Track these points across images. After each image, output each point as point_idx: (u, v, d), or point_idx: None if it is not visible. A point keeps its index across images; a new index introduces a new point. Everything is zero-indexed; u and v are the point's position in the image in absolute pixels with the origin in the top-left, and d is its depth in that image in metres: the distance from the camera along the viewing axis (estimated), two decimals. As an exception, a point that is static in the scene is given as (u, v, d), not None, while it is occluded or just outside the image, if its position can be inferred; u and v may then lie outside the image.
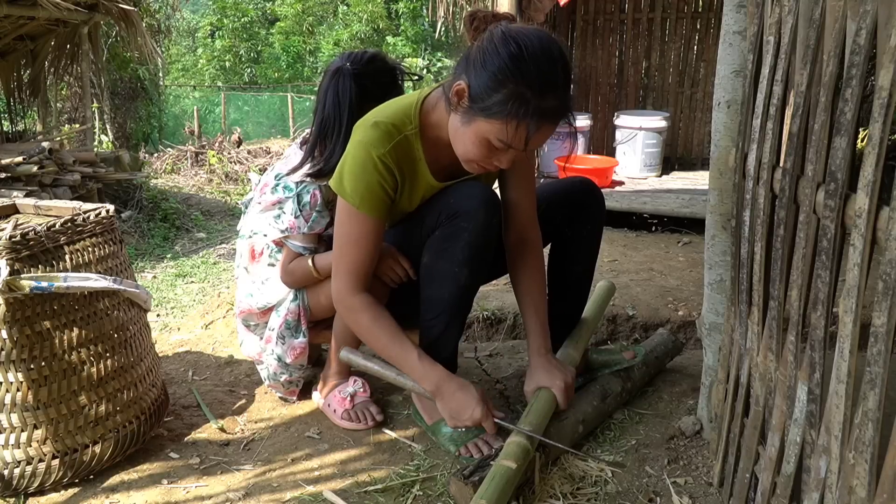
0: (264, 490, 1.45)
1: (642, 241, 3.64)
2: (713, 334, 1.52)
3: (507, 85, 1.23)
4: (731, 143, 1.41)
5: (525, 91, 1.22)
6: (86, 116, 6.90)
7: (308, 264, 1.66)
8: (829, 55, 0.93)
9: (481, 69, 1.25)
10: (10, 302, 1.34)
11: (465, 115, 1.30)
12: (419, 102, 1.44)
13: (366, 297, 1.48)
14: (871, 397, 0.81)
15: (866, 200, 0.81)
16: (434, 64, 15.80)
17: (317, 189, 1.67)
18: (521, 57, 1.22)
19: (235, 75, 17.57)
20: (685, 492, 1.39)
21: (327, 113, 1.65)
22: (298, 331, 1.74)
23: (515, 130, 1.25)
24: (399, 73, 1.74)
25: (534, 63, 1.22)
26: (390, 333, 1.47)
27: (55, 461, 1.44)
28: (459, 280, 1.46)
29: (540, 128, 1.26)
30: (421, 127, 1.43)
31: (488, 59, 1.24)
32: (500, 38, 1.24)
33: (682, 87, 5.39)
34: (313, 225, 1.67)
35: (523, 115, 1.23)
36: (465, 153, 1.35)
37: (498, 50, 1.23)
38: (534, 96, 1.23)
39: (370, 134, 1.39)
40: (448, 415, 1.45)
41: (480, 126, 1.28)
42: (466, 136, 1.31)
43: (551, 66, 1.24)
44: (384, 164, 1.39)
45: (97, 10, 6.05)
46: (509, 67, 1.22)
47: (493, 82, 1.24)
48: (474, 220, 1.42)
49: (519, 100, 1.22)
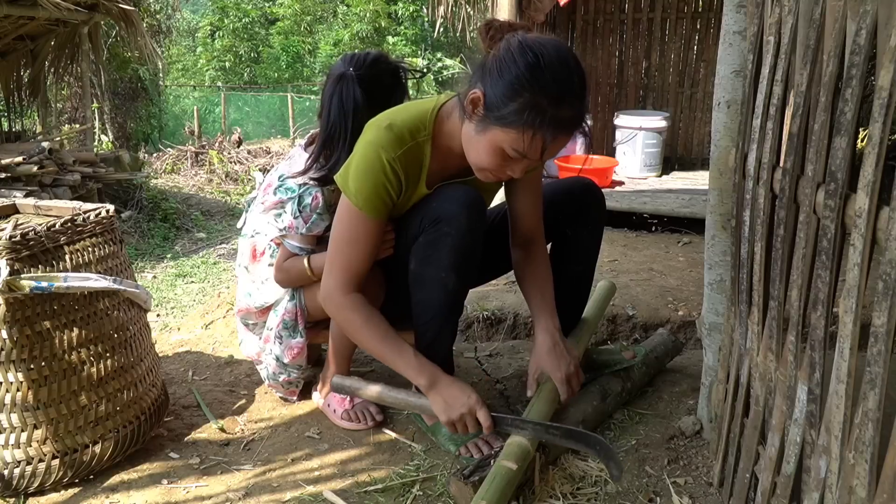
0: (264, 490, 1.45)
1: (642, 241, 3.64)
2: (713, 334, 1.52)
3: (523, 94, 1.22)
4: (731, 143, 1.41)
5: (542, 101, 1.22)
6: (86, 116, 6.91)
7: (303, 264, 1.66)
8: (829, 55, 0.93)
9: (498, 78, 1.25)
10: (10, 302, 1.34)
11: (479, 124, 1.30)
12: (435, 110, 1.43)
13: (357, 296, 1.47)
14: (871, 397, 0.81)
15: (866, 200, 0.81)
16: (434, 64, 15.78)
17: (319, 192, 1.66)
18: (538, 67, 1.21)
19: (235, 75, 17.57)
20: (685, 492, 1.39)
21: (333, 120, 1.64)
22: (296, 331, 1.74)
23: (531, 140, 1.25)
24: (403, 72, 1.74)
25: (551, 73, 1.22)
26: (383, 332, 1.46)
27: (55, 461, 1.44)
28: (447, 285, 1.45)
29: (556, 138, 1.27)
30: (433, 135, 1.43)
31: (505, 69, 1.24)
32: (517, 47, 1.24)
33: (682, 87, 5.39)
34: (312, 227, 1.66)
35: (539, 124, 1.23)
36: (478, 161, 1.35)
37: (515, 59, 1.23)
38: (550, 106, 1.23)
39: (383, 136, 1.38)
40: (442, 407, 1.41)
41: (495, 135, 1.28)
42: (481, 144, 1.31)
43: (568, 77, 1.24)
44: (392, 168, 1.38)
45: (97, 10, 6.05)
46: (526, 77, 1.22)
47: (509, 91, 1.23)
48: (456, 224, 1.41)
49: (535, 109, 1.22)
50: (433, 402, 1.43)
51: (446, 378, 1.44)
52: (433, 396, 1.43)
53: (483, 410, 1.40)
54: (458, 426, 1.42)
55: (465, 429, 1.42)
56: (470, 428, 1.41)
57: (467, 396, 1.40)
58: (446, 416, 1.41)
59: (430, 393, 1.43)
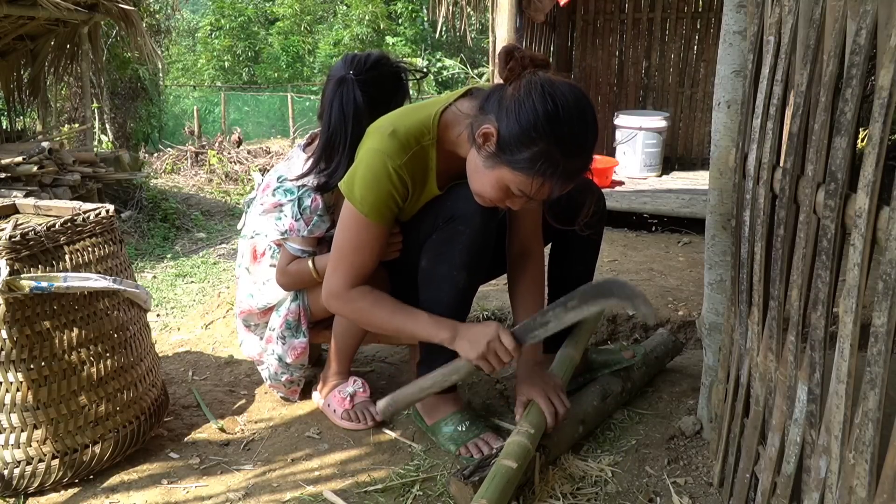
0: (264, 490, 1.45)
1: (642, 241, 3.64)
2: (713, 334, 1.52)
3: (538, 144, 1.22)
4: (731, 143, 1.41)
5: (556, 153, 1.23)
6: (86, 116, 6.90)
7: (308, 266, 1.66)
8: (830, 55, 0.93)
9: (515, 121, 1.24)
10: (10, 302, 1.34)
11: (489, 159, 1.29)
12: (438, 114, 1.42)
13: (362, 286, 1.47)
14: (871, 397, 0.81)
15: (866, 200, 0.81)
16: (434, 64, 15.77)
17: (318, 194, 1.66)
18: (557, 119, 1.21)
19: (235, 75, 17.57)
20: (685, 492, 1.39)
21: (334, 125, 1.62)
22: (299, 331, 1.74)
23: (540, 187, 1.26)
24: (404, 73, 1.73)
25: (569, 126, 1.22)
26: (393, 307, 1.46)
27: (55, 461, 1.44)
28: (458, 283, 1.46)
29: (564, 187, 1.28)
30: (438, 139, 1.42)
31: (523, 113, 1.23)
32: (539, 92, 1.22)
33: (682, 87, 5.38)
34: (313, 229, 1.66)
35: (550, 174, 1.24)
36: (481, 192, 1.36)
37: (535, 106, 1.22)
38: (563, 159, 1.23)
39: (388, 143, 1.37)
40: (469, 347, 1.39)
41: (504, 174, 1.28)
42: (486, 178, 1.31)
43: (584, 130, 1.25)
44: (399, 175, 1.38)
45: (97, 10, 6.04)
46: (545, 128, 1.21)
47: (525, 137, 1.23)
48: (471, 222, 1.42)
49: (549, 161, 1.23)
50: (459, 349, 1.42)
51: (464, 325, 1.45)
52: (459, 343, 1.42)
53: (506, 334, 1.39)
54: (490, 358, 1.39)
55: (498, 360, 1.39)
56: (500, 354, 1.38)
57: (486, 327, 1.40)
58: (475, 352, 1.39)
59: (455, 344, 1.42)
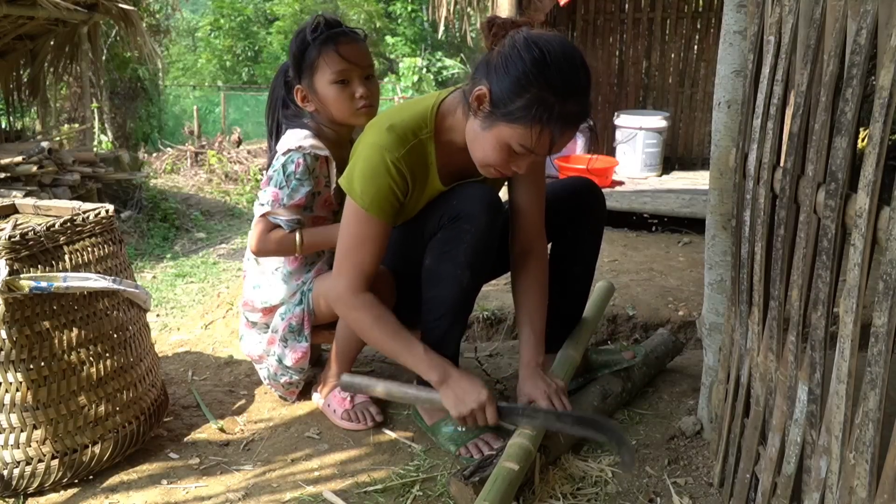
0: (264, 490, 1.45)
1: (642, 241, 3.64)
2: (713, 334, 1.52)
3: (530, 90, 1.23)
4: (732, 143, 1.41)
5: (549, 96, 1.23)
6: (85, 116, 6.91)
7: (294, 236, 1.65)
8: (830, 55, 0.93)
9: (504, 74, 1.25)
10: (10, 302, 1.34)
11: (485, 120, 1.30)
12: (436, 106, 1.43)
13: (368, 296, 1.47)
14: (871, 397, 0.81)
15: (867, 200, 0.81)
16: (434, 64, 15.78)
17: (301, 157, 1.65)
18: (544, 62, 1.22)
19: (234, 75, 17.57)
20: (685, 492, 1.39)
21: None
22: (301, 335, 1.73)
23: (539, 135, 1.26)
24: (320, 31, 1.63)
25: (557, 68, 1.22)
26: (393, 330, 1.46)
27: (55, 461, 1.44)
28: (462, 282, 1.46)
29: (563, 133, 1.27)
30: (436, 131, 1.43)
31: (511, 65, 1.24)
32: (522, 43, 1.24)
33: (682, 87, 5.38)
34: (293, 193, 1.63)
35: (547, 120, 1.24)
36: (483, 158, 1.35)
37: (521, 55, 1.23)
38: (557, 101, 1.23)
39: (385, 137, 1.38)
40: (453, 402, 1.41)
41: (502, 131, 1.28)
42: (487, 140, 1.31)
43: (574, 71, 1.25)
44: (397, 168, 1.38)
45: (97, 9, 6.05)
46: (533, 73, 1.22)
47: (516, 87, 1.24)
48: (476, 222, 1.42)
49: (543, 105, 1.23)
50: (444, 397, 1.43)
51: (457, 372, 1.44)
52: (444, 391, 1.42)
53: (492, 408, 1.39)
54: (468, 420, 1.41)
55: (475, 423, 1.41)
56: (480, 422, 1.40)
57: (478, 392, 1.40)
58: (457, 411, 1.40)
59: (441, 388, 1.43)
